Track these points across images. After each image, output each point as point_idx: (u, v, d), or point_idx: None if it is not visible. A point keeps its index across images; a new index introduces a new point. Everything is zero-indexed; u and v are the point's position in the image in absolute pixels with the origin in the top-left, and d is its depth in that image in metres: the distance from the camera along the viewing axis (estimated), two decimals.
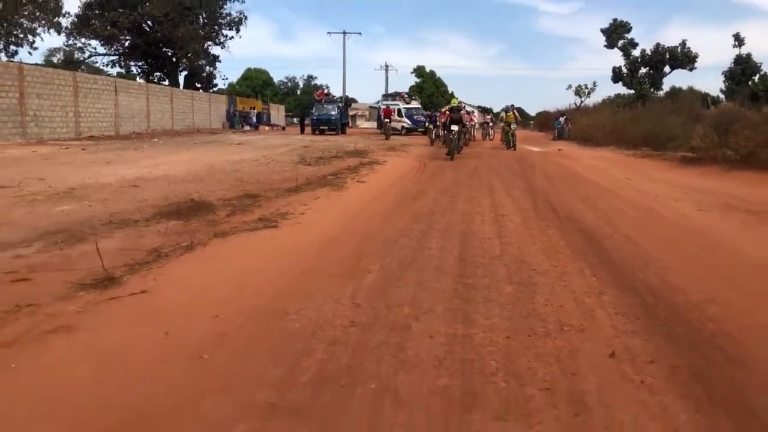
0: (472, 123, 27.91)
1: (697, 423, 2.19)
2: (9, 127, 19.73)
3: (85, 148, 16.62)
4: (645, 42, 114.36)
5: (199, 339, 2.88)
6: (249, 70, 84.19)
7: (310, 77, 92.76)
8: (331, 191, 8.51)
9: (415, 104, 40.98)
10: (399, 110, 37.55)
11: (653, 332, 3.12)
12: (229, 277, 3.98)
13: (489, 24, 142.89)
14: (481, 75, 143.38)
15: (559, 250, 5.10)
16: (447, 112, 19.16)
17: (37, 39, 29.61)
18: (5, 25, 27.35)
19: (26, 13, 28.56)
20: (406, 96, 42.12)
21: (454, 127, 17.12)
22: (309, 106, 49.06)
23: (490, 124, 33.38)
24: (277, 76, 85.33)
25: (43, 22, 29.02)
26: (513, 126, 22.84)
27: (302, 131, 35.38)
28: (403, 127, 36.67)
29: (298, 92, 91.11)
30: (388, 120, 29.01)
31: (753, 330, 3.15)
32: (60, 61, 40.28)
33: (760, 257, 4.90)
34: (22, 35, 28.02)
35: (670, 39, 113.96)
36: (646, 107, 28.11)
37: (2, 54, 28.03)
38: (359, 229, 5.99)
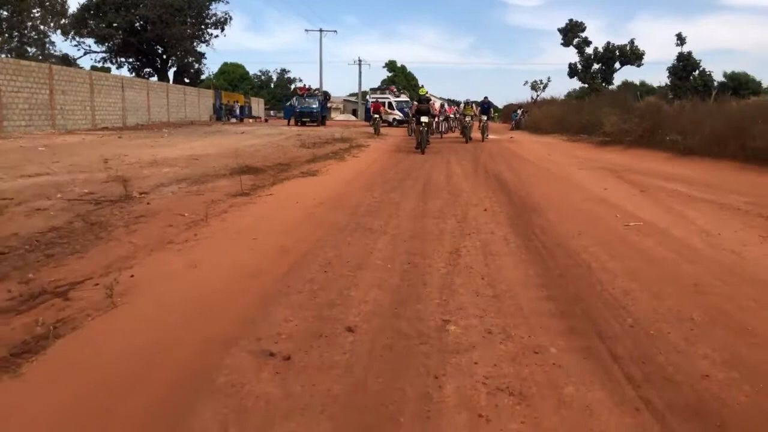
0: (443, 115, 27.71)
1: (511, 224, 6.16)
2: (42, 119, 23.10)
3: (120, 136, 20.19)
4: (607, 35, 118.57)
5: (309, 206, 6.77)
6: (226, 64, 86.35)
7: (284, 71, 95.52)
8: (338, 161, 12.42)
9: (404, 97, 44.30)
10: (390, 103, 41.25)
11: (508, 205, 7.12)
12: (306, 191, 7.88)
13: (460, 17, 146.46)
14: (452, 68, 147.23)
15: (479, 185, 9.10)
16: (416, 103, 18.42)
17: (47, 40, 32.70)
18: (20, 28, 30.42)
19: (38, 15, 31.65)
20: (395, 89, 45.57)
21: (424, 119, 16.29)
22: (284, 99, 52.68)
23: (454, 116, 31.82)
24: (251, 69, 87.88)
25: (51, 24, 32.11)
26: (468, 119, 22.35)
27: (289, 123, 38.74)
28: (394, 119, 40.32)
29: (272, 86, 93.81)
30: (377, 115, 27.38)
31: (553, 206, 7.15)
32: (57, 59, 43.02)
33: (582, 183, 8.97)
34: (35, 36, 31.08)
35: (636, 32, 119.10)
36: (587, 100, 32.26)
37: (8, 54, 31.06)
38: (364, 176, 9.95)
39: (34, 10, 32.37)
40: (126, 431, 2.03)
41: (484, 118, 23.50)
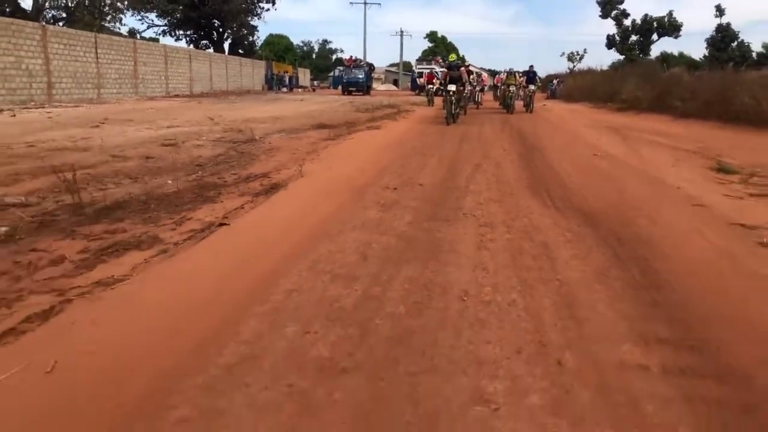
0: (480, 85, 26.88)
1: (519, 156, 9.11)
2: (128, 87, 26.67)
3: (200, 102, 23.60)
4: (651, 2, 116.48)
5: (381, 145, 9.85)
6: (271, 35, 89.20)
7: (325, 41, 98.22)
8: (392, 120, 15.45)
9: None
10: (435, 73, 43.50)
11: (522, 147, 10.06)
12: (375, 137, 10.95)
13: None
14: (494, 38, 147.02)
15: (505, 137, 12.01)
16: (445, 71, 17.06)
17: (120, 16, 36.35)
18: (100, 5, 34.06)
19: None
20: (440, 60, 47.46)
21: (451, 87, 15.21)
22: (334, 70, 55.61)
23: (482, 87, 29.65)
24: (294, 40, 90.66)
25: (126, 2, 35.69)
26: (512, 89, 21.98)
27: (343, 92, 41.32)
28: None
29: (314, 56, 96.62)
30: (431, 85, 26.16)
31: (553, 148, 10.04)
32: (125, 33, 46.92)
33: (583, 135, 11.79)
34: (113, 12, 34.73)
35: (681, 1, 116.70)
36: (618, 71, 34.29)
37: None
38: (416, 130, 12.94)
39: None
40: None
41: (532, 87, 21.81)
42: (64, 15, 34.29)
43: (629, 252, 3.81)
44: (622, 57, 57.18)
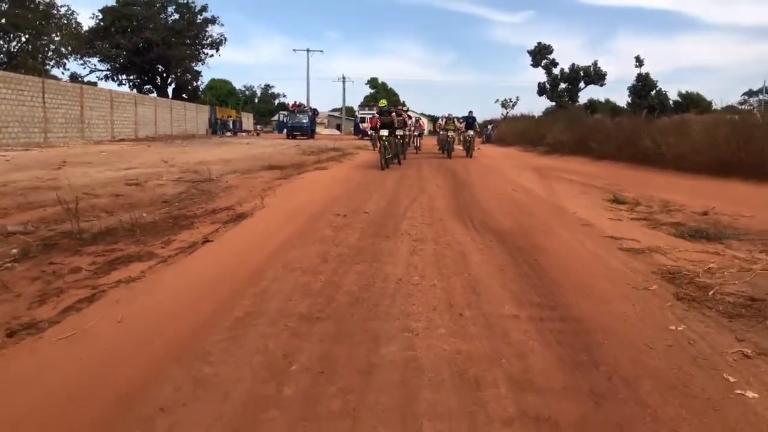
0: (418, 129, 27.17)
1: (451, 191, 10.42)
2: (75, 131, 27.07)
3: (149, 146, 24.28)
4: (586, 52, 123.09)
5: (329, 182, 10.99)
6: (213, 80, 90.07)
7: (268, 86, 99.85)
8: (337, 162, 16.70)
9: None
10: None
11: (453, 185, 11.39)
12: (323, 176, 12.09)
13: (441, 33, 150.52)
14: (433, 84, 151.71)
15: (440, 177, 13.39)
16: (376, 115, 17.02)
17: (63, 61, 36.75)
18: (44, 50, 34.47)
19: (56, 39, 35.67)
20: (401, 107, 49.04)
21: (383, 132, 15.23)
22: (279, 115, 57.01)
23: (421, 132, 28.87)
24: (236, 84, 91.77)
25: (69, 48, 36.17)
26: (450, 134, 22.00)
27: (288, 136, 42.48)
28: None
29: (256, 101, 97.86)
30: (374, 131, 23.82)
31: (480, 185, 11.43)
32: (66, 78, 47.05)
33: (508, 175, 13.29)
34: (57, 57, 35.14)
35: (618, 49, 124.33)
36: (547, 118, 36.89)
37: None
38: (360, 169, 14.17)
39: (53, 34, 36.32)
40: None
41: (470, 132, 22.49)
42: (5, 59, 34.45)
43: (524, 256, 5.05)
44: (552, 103, 60.82)
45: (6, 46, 34.51)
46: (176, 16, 48.61)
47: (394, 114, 16.52)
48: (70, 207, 5.97)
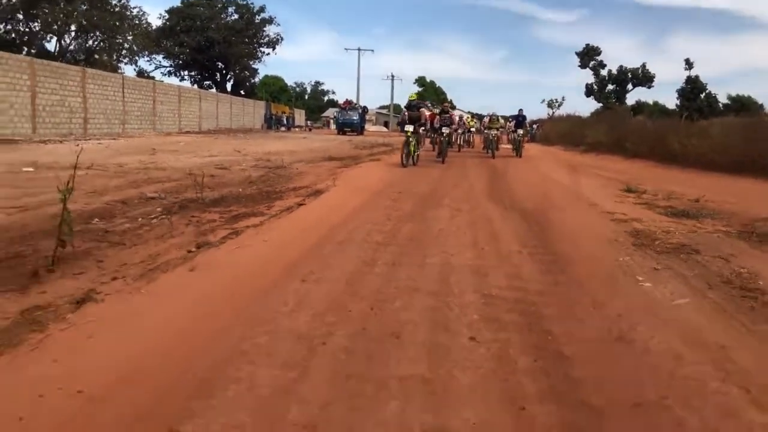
0: (459, 128, 25.17)
1: (489, 182, 12.13)
2: (148, 123, 29.70)
3: (217, 138, 26.66)
4: (645, 52, 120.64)
5: (384, 169, 12.82)
6: (267, 76, 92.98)
7: (318, 83, 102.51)
8: (387, 156, 18.51)
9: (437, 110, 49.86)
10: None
11: (492, 177, 13.07)
12: (378, 165, 13.94)
13: (492, 31, 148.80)
14: (481, 82, 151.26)
15: (481, 170, 15.06)
16: (405, 111, 16.06)
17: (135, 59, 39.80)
18: (117, 48, 37.50)
19: (129, 38, 38.64)
20: (428, 104, 50.89)
21: (409, 128, 14.62)
22: (318, 110, 59.44)
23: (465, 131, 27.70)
24: (287, 80, 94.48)
25: (142, 46, 39.13)
26: (493, 133, 21.44)
27: (338, 132, 45.00)
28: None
29: (306, 97, 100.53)
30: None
31: (516, 178, 13.08)
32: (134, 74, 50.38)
33: (542, 169, 14.85)
34: (129, 55, 38.18)
35: (671, 49, 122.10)
36: (585, 118, 37.93)
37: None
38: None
39: (127, 34, 39.30)
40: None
41: (520, 131, 21.75)
42: (83, 57, 37.51)
43: (536, 222, 6.77)
44: (600, 105, 61.23)
45: (84, 44, 37.59)
46: (236, 16, 51.39)
47: (423, 110, 16.40)
48: (197, 180, 7.95)
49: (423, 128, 16.46)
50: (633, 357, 2.85)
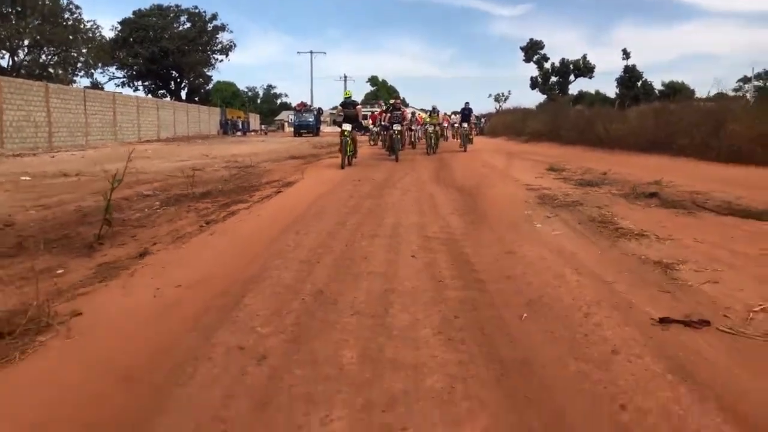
0: (411, 124, 24.83)
1: (434, 173, 13.86)
2: (109, 134, 30.56)
3: (179, 145, 27.77)
4: (590, 43, 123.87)
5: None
6: (219, 82, 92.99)
7: (270, 86, 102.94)
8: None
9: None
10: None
11: (437, 165, 14.80)
12: (336, 162, 15.53)
13: (441, 29, 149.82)
14: (433, 80, 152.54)
15: (427, 162, 16.78)
16: (339, 107, 15.62)
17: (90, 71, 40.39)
18: (72, 62, 38.10)
19: (85, 50, 39.26)
20: (382, 103, 52.65)
21: (346, 126, 14.24)
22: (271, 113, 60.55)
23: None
24: (238, 85, 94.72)
25: (97, 58, 39.80)
26: (431, 128, 20.85)
27: (295, 134, 46.34)
28: None
29: (258, 101, 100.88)
30: (374, 126, 27.16)
31: (458, 166, 14.84)
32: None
33: (483, 158, 16.69)
34: (85, 68, 38.82)
35: (612, 40, 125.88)
36: (527, 110, 40.23)
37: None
38: (364, 159, 17.61)
39: (81, 47, 39.87)
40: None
41: (465, 125, 22.08)
42: (38, 72, 37.93)
43: (469, 196, 8.49)
44: (544, 96, 64.00)
45: (38, 59, 38.02)
46: (188, 24, 52.20)
47: (359, 107, 15.90)
48: (188, 177, 9.42)
49: (398, 126, 16.58)
50: (513, 259, 4.54)
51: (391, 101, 21.24)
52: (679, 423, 2.09)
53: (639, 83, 63.66)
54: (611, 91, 66.02)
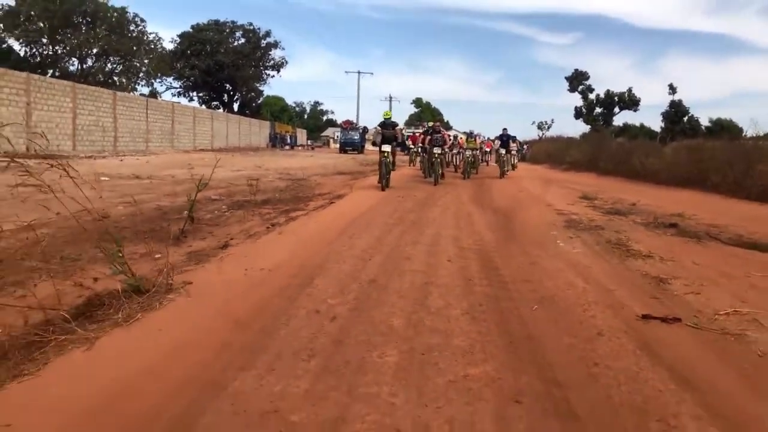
0: (453, 147, 23.66)
1: (473, 196, 14.72)
2: (167, 141, 32.34)
3: (233, 155, 29.25)
4: (639, 73, 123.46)
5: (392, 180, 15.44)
6: (268, 97, 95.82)
7: (317, 103, 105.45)
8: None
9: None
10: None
11: (476, 189, 15.66)
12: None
13: (488, 52, 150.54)
14: (477, 103, 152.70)
15: (467, 184, 17.65)
16: (378, 128, 15.13)
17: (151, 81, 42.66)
18: (134, 71, 40.39)
19: (147, 61, 41.54)
20: (425, 124, 53.87)
21: (386, 147, 14.09)
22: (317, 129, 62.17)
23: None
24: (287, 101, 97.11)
25: (157, 68, 42.03)
26: (469, 153, 20.98)
27: (340, 150, 47.82)
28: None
29: (305, 117, 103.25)
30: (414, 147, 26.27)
31: (497, 192, 15.67)
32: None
33: (522, 184, 17.47)
34: (146, 78, 41.08)
35: (659, 72, 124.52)
36: (569, 140, 40.75)
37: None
38: (405, 178, 18.57)
39: (144, 58, 42.21)
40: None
41: (503, 151, 21.84)
42: (102, 79, 40.29)
43: (504, 217, 9.33)
44: (588, 127, 64.11)
45: (104, 67, 40.44)
46: (243, 40, 54.48)
47: (397, 129, 15.68)
48: (249, 186, 10.51)
49: (438, 149, 16.59)
50: (534, 268, 5.40)
51: (431, 123, 21.73)
52: (636, 376, 2.94)
53: (685, 119, 63.30)
54: (656, 124, 65.76)
